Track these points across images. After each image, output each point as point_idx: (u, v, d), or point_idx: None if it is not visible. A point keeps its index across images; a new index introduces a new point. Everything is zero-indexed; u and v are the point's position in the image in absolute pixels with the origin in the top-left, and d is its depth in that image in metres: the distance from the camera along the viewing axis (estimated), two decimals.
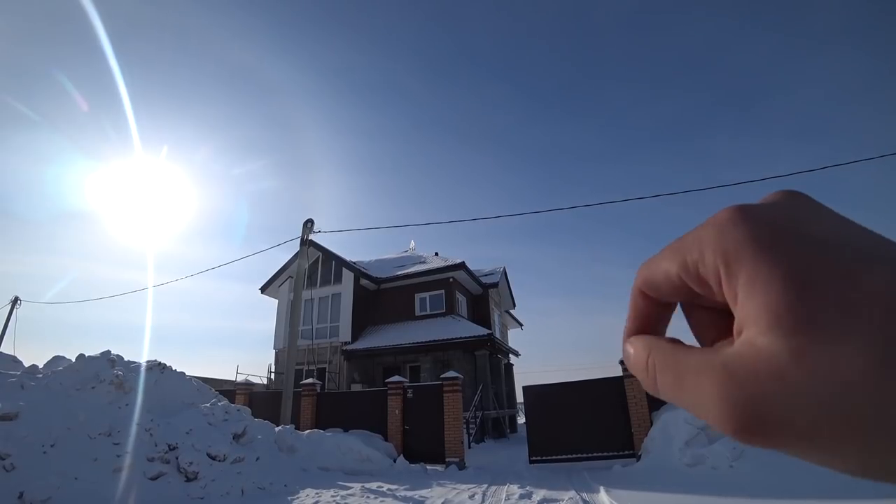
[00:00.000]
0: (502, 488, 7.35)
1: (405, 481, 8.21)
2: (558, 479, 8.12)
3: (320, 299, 20.62)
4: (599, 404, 9.91)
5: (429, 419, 10.77)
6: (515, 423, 23.02)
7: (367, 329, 20.32)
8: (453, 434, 10.38)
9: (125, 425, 7.00)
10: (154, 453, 6.88)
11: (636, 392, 9.54)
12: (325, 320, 20.37)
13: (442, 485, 7.92)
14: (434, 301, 20.14)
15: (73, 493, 5.53)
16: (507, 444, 15.82)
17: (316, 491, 7.18)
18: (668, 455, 7.69)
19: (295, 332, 12.32)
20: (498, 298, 24.63)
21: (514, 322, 28.95)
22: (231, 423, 8.31)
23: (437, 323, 18.82)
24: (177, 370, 9.18)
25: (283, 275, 21.57)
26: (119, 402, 7.44)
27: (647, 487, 6.47)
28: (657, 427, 8.60)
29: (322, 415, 12.24)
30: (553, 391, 10.61)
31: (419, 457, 10.36)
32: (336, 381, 18.61)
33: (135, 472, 6.35)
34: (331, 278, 21.12)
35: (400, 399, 11.29)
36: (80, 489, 5.63)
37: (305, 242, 13.02)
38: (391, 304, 20.87)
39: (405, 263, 22.67)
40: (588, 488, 7.01)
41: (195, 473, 6.83)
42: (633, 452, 9.21)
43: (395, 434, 10.97)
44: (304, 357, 18.53)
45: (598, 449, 9.60)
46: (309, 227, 12.92)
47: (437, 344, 17.09)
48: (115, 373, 7.77)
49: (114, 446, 6.59)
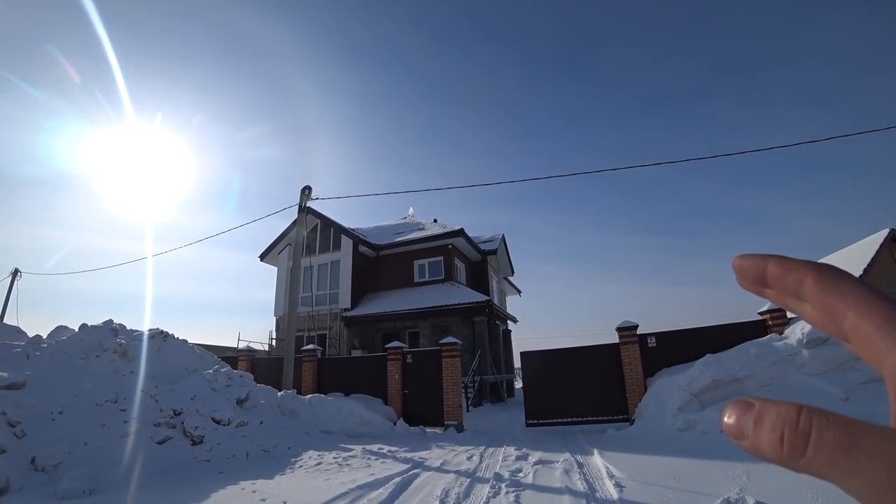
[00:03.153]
0: (499, 450, 7.59)
1: (405, 443, 8.46)
2: (554, 441, 8.37)
3: (319, 266, 20.68)
4: (595, 370, 10.10)
5: (428, 384, 11.00)
6: (513, 388, 23.55)
7: (367, 296, 20.48)
8: (452, 398, 10.64)
9: (130, 392, 7.15)
10: (160, 419, 7.05)
11: (631, 358, 9.72)
12: (324, 287, 20.50)
13: (441, 447, 8.16)
14: (433, 268, 20.22)
15: (83, 457, 5.70)
16: (504, 408, 16.24)
17: (318, 453, 7.40)
18: (661, 420, 7.90)
19: (295, 299, 12.42)
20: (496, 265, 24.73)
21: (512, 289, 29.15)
22: (234, 389, 8.48)
23: (436, 289, 18.97)
24: (179, 338, 9.28)
25: (282, 242, 21.56)
26: (123, 370, 7.58)
27: (640, 450, 6.68)
28: (651, 393, 8.81)
29: (323, 380, 12.50)
30: (550, 357, 10.79)
31: (418, 420, 10.65)
32: (336, 347, 18.90)
33: (142, 437, 6.53)
34: (330, 245, 21.12)
35: (399, 364, 11.50)
36: (90, 454, 5.81)
37: (304, 209, 12.96)
38: (390, 271, 20.97)
39: (404, 230, 22.64)
40: (582, 451, 7.24)
41: (201, 437, 7.03)
42: (626, 417, 9.47)
43: (395, 398, 11.24)
44: (305, 324, 18.74)
45: (593, 413, 9.86)
46: (307, 194, 12.83)
47: (435, 310, 17.28)
48: (119, 341, 7.88)
49: (120, 412, 6.75)
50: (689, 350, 9.01)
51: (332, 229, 21.24)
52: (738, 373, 7.87)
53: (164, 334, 8.92)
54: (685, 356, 9.02)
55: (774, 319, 8.85)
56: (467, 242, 20.55)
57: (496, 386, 19.28)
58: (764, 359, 7.85)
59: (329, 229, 21.36)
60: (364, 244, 20.63)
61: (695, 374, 8.06)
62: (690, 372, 8.15)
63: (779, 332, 8.59)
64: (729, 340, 8.71)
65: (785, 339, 8.15)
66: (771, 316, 8.91)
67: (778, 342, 8.10)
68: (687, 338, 9.53)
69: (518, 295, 30.27)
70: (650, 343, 9.82)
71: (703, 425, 7.22)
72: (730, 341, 8.67)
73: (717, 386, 7.94)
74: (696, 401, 7.87)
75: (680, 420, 7.58)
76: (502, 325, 23.09)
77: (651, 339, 9.85)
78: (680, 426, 7.51)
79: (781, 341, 8.09)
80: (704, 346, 8.75)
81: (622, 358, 9.83)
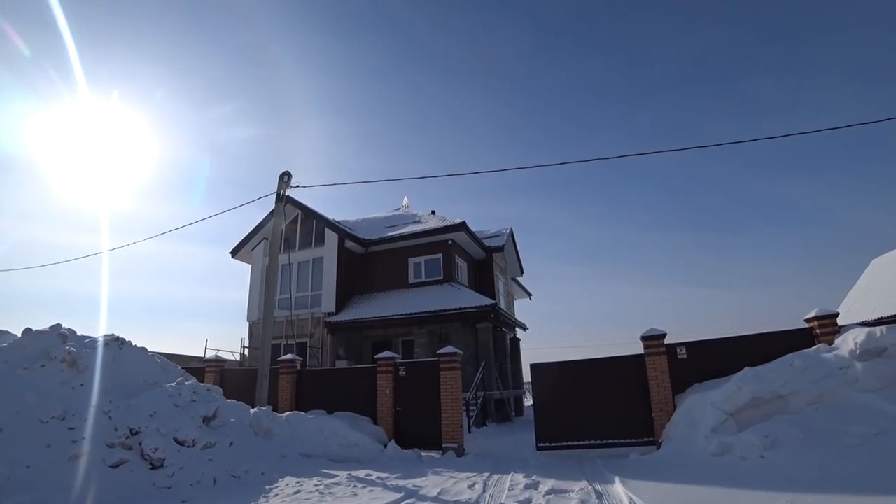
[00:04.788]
0: (505, 477, 7.57)
1: (397, 469, 8.45)
2: (569, 468, 8.35)
3: (300, 264, 20.69)
4: (616, 385, 10.10)
5: (424, 400, 11.00)
6: (522, 406, 23.59)
7: (354, 298, 20.48)
8: (451, 417, 10.63)
9: (81, 408, 7.12)
10: (114, 438, 7.03)
11: (658, 372, 9.72)
12: (305, 288, 20.50)
13: (438, 473, 8.14)
14: (430, 266, 20.23)
15: (25, 482, 5.68)
16: (511, 429, 16.23)
17: (297, 479, 7.38)
18: (693, 443, 7.89)
19: (271, 301, 12.40)
20: (503, 264, 24.74)
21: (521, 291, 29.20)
22: (200, 405, 8.47)
23: (434, 291, 18.98)
24: (138, 346, 9.26)
25: (257, 236, 21.55)
26: (73, 383, 7.56)
27: (668, 478, 6.66)
28: (681, 411, 8.79)
29: (303, 395, 12.51)
30: (564, 370, 10.78)
31: (413, 442, 10.65)
32: (318, 357, 18.91)
33: (93, 460, 6.51)
34: (311, 240, 21.13)
35: (391, 377, 11.49)
36: (33, 478, 5.78)
37: (282, 198, 12.93)
38: (381, 270, 20.98)
39: (397, 223, 22.64)
40: (602, 478, 7.22)
41: (161, 460, 7.01)
42: (652, 439, 9.46)
43: (386, 417, 11.23)
44: (282, 330, 18.74)
45: (614, 435, 9.86)
46: (286, 181, 12.80)
47: (433, 315, 17.28)
48: (68, 349, 7.85)
49: (69, 431, 6.73)
50: (725, 362, 8.99)
51: (314, 221, 21.24)
52: (782, 389, 7.85)
53: (121, 341, 8.90)
54: (720, 369, 8.99)
55: (823, 327, 8.81)
56: (470, 238, 20.53)
57: (502, 403, 19.29)
58: (811, 373, 7.82)
59: (311, 221, 21.35)
60: (351, 239, 20.62)
61: (731, 391, 8.05)
62: (726, 388, 8.13)
63: (828, 341, 8.56)
64: (771, 351, 8.67)
65: (835, 349, 8.13)
66: (819, 323, 8.88)
67: (827, 353, 8.07)
68: (722, 348, 9.51)
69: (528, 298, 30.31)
70: (680, 354, 9.81)
71: (740, 449, 7.19)
72: (772, 352, 8.62)
73: (756, 404, 7.92)
74: (732, 421, 7.85)
75: (714, 443, 7.56)
76: (510, 333, 23.10)
77: (681, 350, 9.84)
78: (714, 450, 7.49)
79: (831, 352, 8.06)
80: (742, 358, 8.72)
81: (647, 371, 9.82)
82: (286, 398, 12.45)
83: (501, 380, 19.37)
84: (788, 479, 5.87)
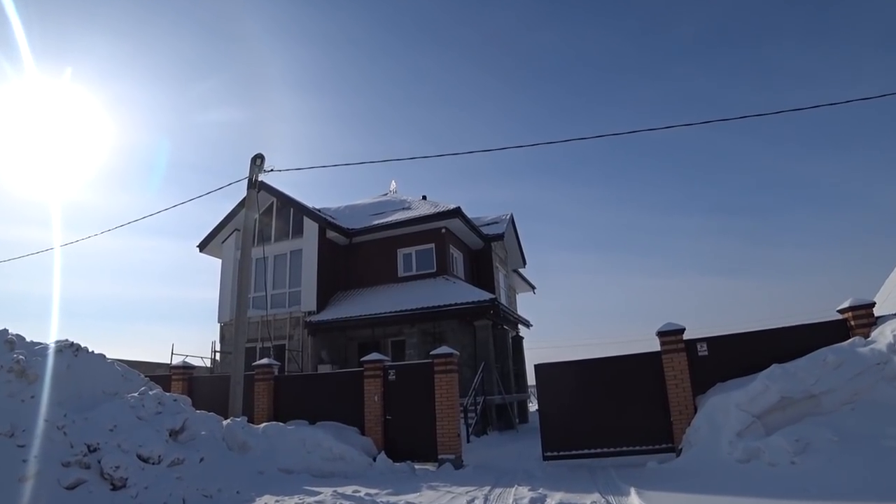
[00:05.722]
0: (509, 491, 7.56)
1: (388, 484, 8.42)
2: (579, 479, 8.36)
3: (276, 258, 20.60)
4: (631, 386, 10.11)
5: (416, 407, 10.97)
6: (526, 411, 23.70)
7: (337, 295, 20.41)
8: (447, 425, 10.61)
9: (31, 423, 7.02)
10: (70, 456, 6.95)
11: (677, 370, 9.72)
12: (282, 285, 20.42)
13: (433, 488, 8.13)
14: (422, 258, 20.19)
15: None
16: (515, 437, 16.29)
17: (276, 498, 7.34)
18: (716, 449, 7.89)
19: (244, 300, 12.31)
20: (503, 254, 24.73)
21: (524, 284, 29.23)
22: (166, 417, 8.40)
23: (426, 286, 18.96)
24: (95, 352, 9.16)
25: (228, 227, 21.45)
26: (22, 395, 7.45)
27: (689, 488, 6.66)
28: (702, 414, 8.80)
29: (282, 404, 12.45)
30: (572, 370, 10.80)
31: (405, 454, 10.61)
32: (298, 361, 18.86)
33: (46, 481, 6.42)
34: (289, 231, 21.03)
35: (380, 382, 11.45)
36: None
37: (254, 184, 12.80)
38: (367, 263, 20.91)
39: (384, 210, 22.56)
40: (616, 490, 7.22)
41: (123, 480, 6.94)
42: (671, 446, 9.48)
43: (375, 426, 11.20)
44: (258, 332, 18.66)
45: (629, 442, 9.86)
46: (258, 165, 12.67)
47: (426, 312, 17.24)
48: (16, 357, 7.75)
49: (18, 449, 6.63)
50: (751, 359, 8.99)
51: (291, 210, 21.13)
52: (813, 387, 7.86)
53: (76, 347, 8.80)
54: (745, 367, 8.99)
55: (858, 318, 8.81)
56: (466, 225, 20.48)
57: (504, 409, 19.33)
58: (845, 369, 7.83)
59: (288, 210, 21.24)
60: (333, 228, 20.52)
61: (758, 390, 8.05)
62: (752, 387, 8.13)
63: (864, 334, 8.57)
64: (801, 346, 8.68)
65: (872, 343, 8.14)
66: (854, 314, 8.88)
67: (863, 347, 8.08)
68: (747, 343, 9.52)
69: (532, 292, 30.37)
70: (700, 351, 9.81)
71: (769, 455, 7.20)
72: (802, 347, 8.63)
73: (786, 404, 7.93)
74: (759, 424, 7.86)
75: (739, 449, 7.57)
76: (512, 331, 23.13)
77: (702, 346, 9.84)
78: (739, 456, 7.49)
79: (867, 346, 8.07)
80: (770, 354, 8.72)
81: (665, 370, 9.82)
82: (263, 408, 12.38)
83: (503, 383, 19.38)
84: (822, 486, 5.88)
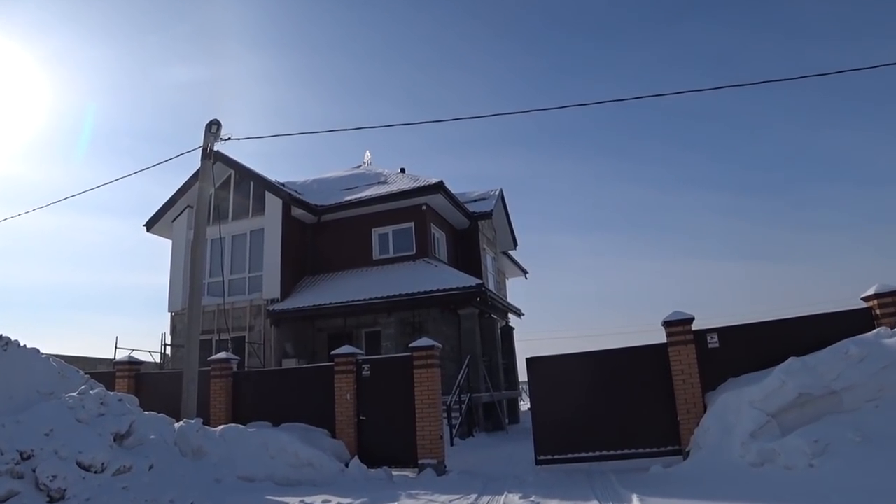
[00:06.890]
0: (498, 499, 7.65)
1: (362, 492, 8.45)
2: (575, 484, 8.46)
3: (234, 238, 20.43)
4: (634, 382, 10.18)
5: (394, 406, 11.01)
6: (517, 410, 23.88)
7: (304, 280, 20.34)
8: (429, 426, 10.64)
9: None
10: (0, 465, 6.91)
11: (685, 364, 9.77)
12: (241, 269, 20.27)
13: (413, 496, 8.19)
14: (400, 238, 20.15)
15: None
16: (504, 439, 16.44)
17: None
18: (726, 451, 8.00)
19: (198, 286, 12.20)
20: (492, 235, 24.76)
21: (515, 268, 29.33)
22: (110, 419, 8.36)
23: (405, 269, 18.95)
24: (28, 347, 9.11)
25: (180, 202, 21.19)
26: None
27: (697, 495, 6.78)
28: (712, 413, 8.91)
29: (242, 404, 12.43)
30: (569, 365, 10.84)
31: (381, 459, 10.65)
32: (260, 355, 18.80)
33: None
34: (249, 207, 20.83)
35: (352, 379, 11.46)
36: None
37: (209, 154, 12.63)
38: (338, 244, 20.82)
39: (358, 185, 22.43)
40: (616, 497, 7.32)
41: (61, 491, 6.91)
42: (678, 448, 9.59)
43: (347, 428, 11.22)
44: (214, 322, 18.50)
45: (631, 443, 9.97)
46: (214, 132, 12.46)
47: (404, 300, 17.25)
48: None
49: None
50: (766, 352, 9.07)
51: (252, 184, 20.92)
52: (834, 383, 7.95)
53: (5, 341, 8.73)
54: (760, 360, 9.08)
55: (884, 307, 8.90)
56: (449, 201, 20.45)
57: (493, 407, 19.47)
58: (870, 363, 7.91)
59: (248, 184, 21.03)
60: (299, 205, 20.36)
61: (773, 386, 8.14)
62: (767, 383, 8.23)
63: (890, 324, 8.66)
64: (821, 337, 8.76)
65: None
66: (879, 302, 8.96)
67: (889, 339, 8.16)
68: (762, 335, 9.63)
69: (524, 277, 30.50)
70: (711, 342, 9.89)
71: (785, 457, 7.31)
72: (822, 339, 8.70)
73: (804, 402, 8.02)
74: (775, 423, 7.95)
75: (753, 451, 7.68)
76: (501, 321, 23.26)
77: (712, 338, 9.92)
78: (753, 459, 7.61)
79: (894, 338, 8.16)
80: (787, 346, 8.80)
81: (671, 364, 9.88)
82: (220, 408, 12.34)
83: (491, 378, 19.51)
84: (843, 492, 5.98)
